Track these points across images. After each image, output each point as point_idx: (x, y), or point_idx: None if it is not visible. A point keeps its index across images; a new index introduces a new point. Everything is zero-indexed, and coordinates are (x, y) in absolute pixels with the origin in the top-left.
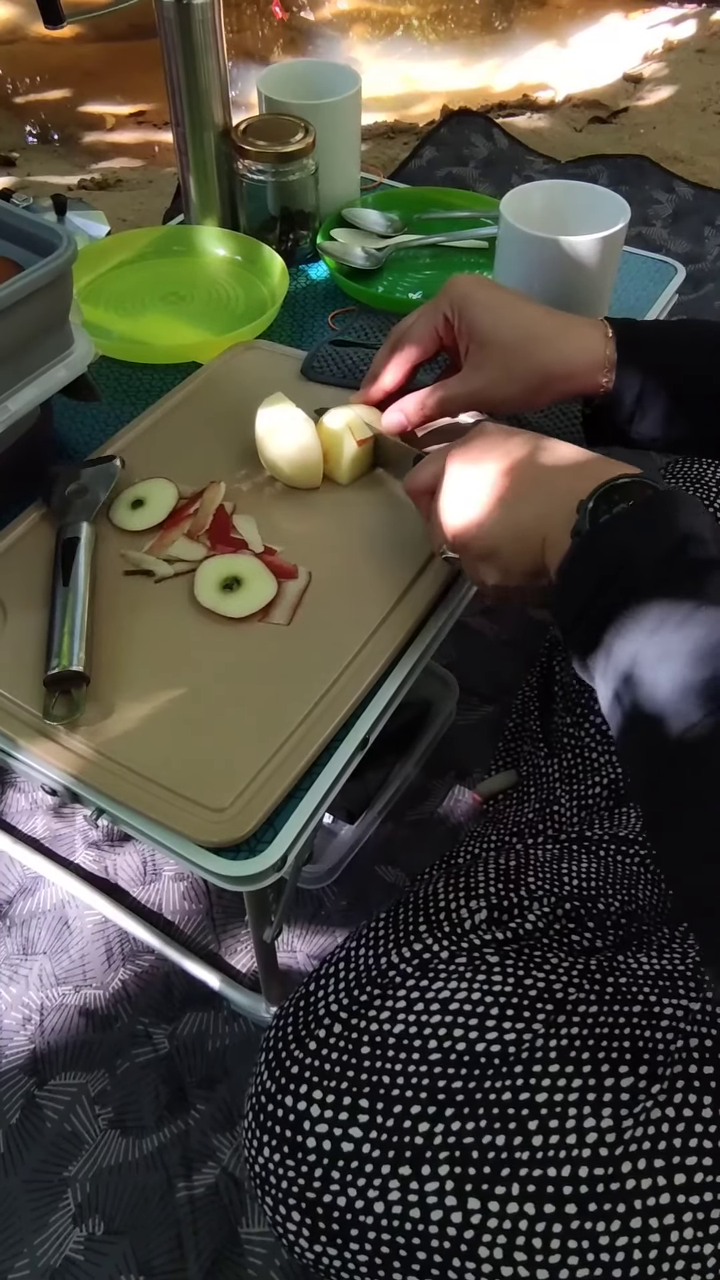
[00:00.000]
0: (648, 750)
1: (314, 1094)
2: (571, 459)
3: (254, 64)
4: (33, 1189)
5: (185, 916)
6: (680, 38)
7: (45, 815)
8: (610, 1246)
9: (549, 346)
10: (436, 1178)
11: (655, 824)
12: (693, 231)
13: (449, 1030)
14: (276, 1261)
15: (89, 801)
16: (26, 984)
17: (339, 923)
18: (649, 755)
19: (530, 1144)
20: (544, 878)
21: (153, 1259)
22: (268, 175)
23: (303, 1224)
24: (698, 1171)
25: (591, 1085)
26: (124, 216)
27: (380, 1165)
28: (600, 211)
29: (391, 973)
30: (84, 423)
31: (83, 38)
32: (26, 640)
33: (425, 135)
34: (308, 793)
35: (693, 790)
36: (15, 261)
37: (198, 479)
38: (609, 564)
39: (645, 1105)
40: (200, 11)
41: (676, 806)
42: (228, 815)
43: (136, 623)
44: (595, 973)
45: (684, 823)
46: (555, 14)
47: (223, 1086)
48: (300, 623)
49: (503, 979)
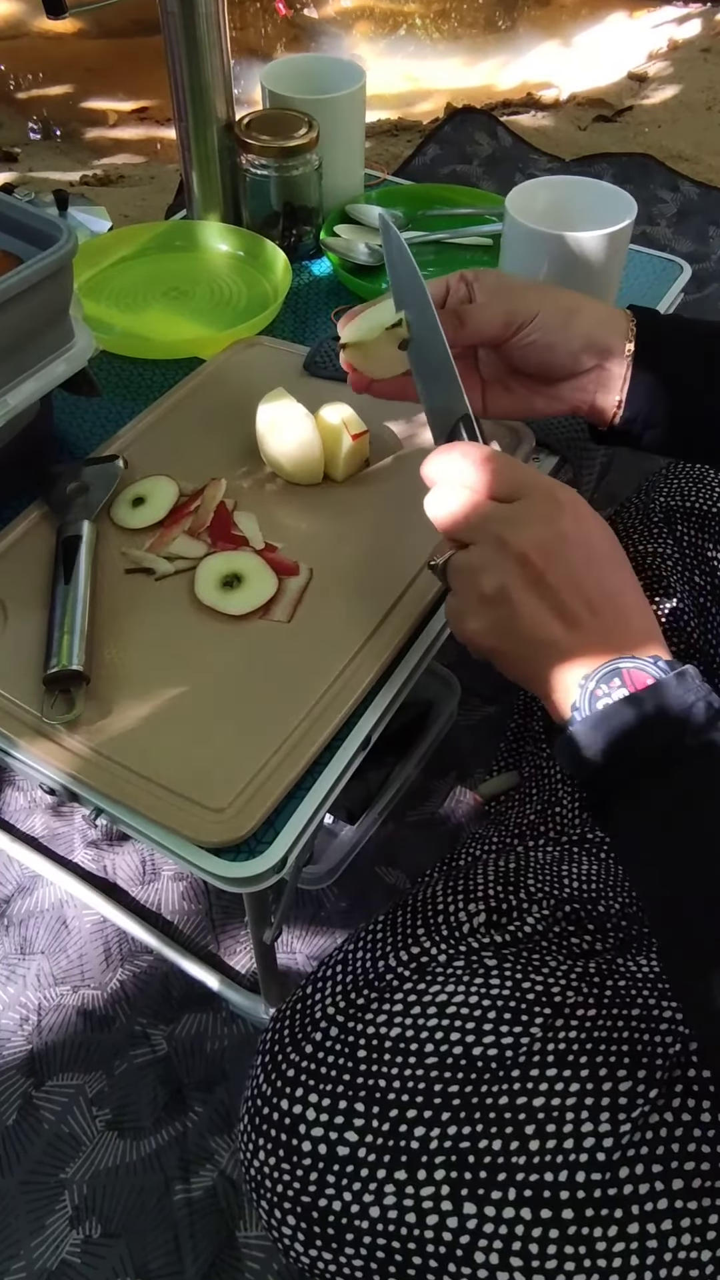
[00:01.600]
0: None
1: (310, 1097)
2: (627, 612)
3: (258, 61)
4: (29, 1190)
5: (184, 917)
6: (685, 37)
7: (44, 814)
8: (607, 1252)
9: (592, 319)
10: (432, 1182)
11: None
12: (697, 231)
13: (446, 1034)
14: (275, 1266)
15: (87, 801)
16: (24, 984)
17: (339, 924)
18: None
19: (527, 1148)
20: (544, 880)
21: (149, 1262)
22: (271, 170)
23: (298, 1228)
24: (696, 1177)
25: (589, 1089)
26: (126, 212)
27: (376, 1169)
28: (606, 208)
29: (389, 976)
30: (85, 419)
31: (85, 33)
32: (26, 639)
33: (429, 133)
34: (308, 793)
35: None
36: (15, 255)
37: (199, 476)
38: (605, 753)
39: (643, 1110)
40: (203, 6)
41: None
42: (227, 815)
43: (137, 621)
44: (594, 976)
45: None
46: (559, 12)
47: (221, 1088)
48: (301, 620)
49: (500, 982)
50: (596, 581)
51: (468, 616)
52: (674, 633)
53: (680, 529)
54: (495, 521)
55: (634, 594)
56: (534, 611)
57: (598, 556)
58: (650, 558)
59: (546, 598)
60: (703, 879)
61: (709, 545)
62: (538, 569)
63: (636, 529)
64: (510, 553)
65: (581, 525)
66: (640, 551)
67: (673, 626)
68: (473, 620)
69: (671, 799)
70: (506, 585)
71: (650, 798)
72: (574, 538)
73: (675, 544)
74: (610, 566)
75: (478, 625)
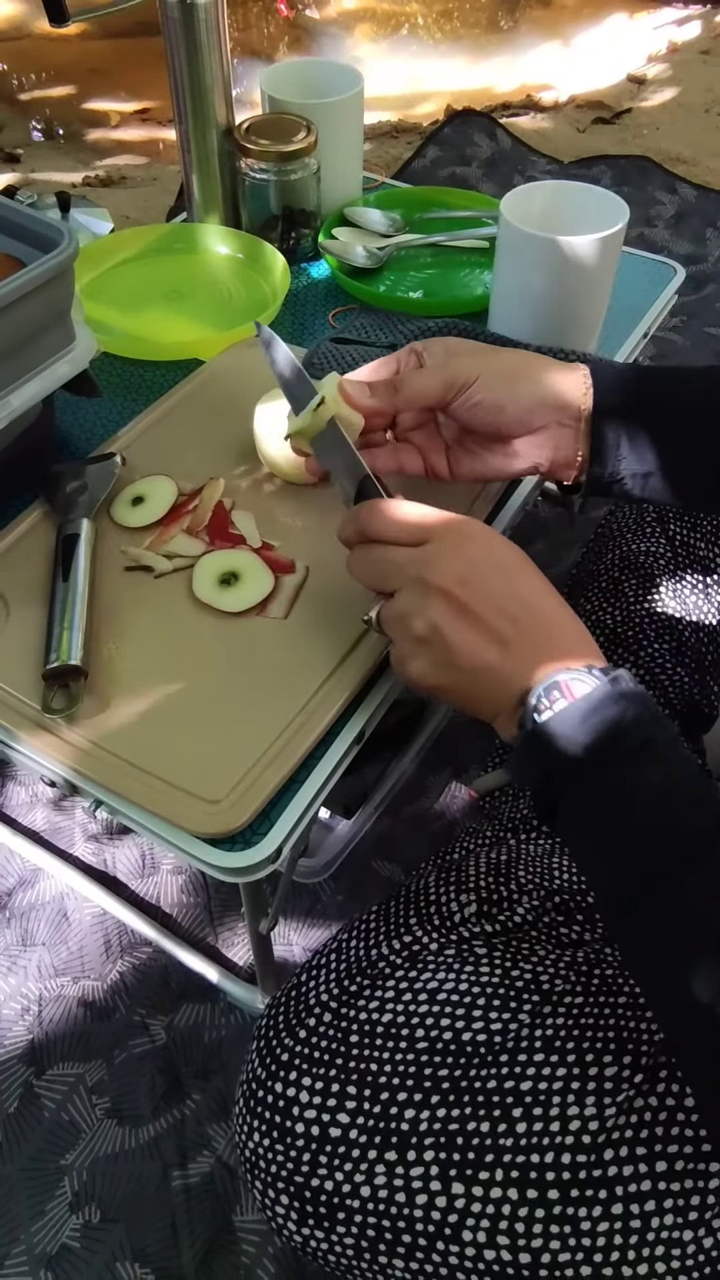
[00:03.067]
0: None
1: (303, 1081)
2: (552, 624)
3: (259, 62)
4: (30, 1177)
5: (183, 909)
6: (685, 39)
7: (45, 808)
8: (591, 1231)
9: (540, 378)
10: (422, 1163)
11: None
12: (695, 233)
13: (436, 1019)
14: (270, 1249)
15: (87, 793)
16: (25, 975)
17: (335, 916)
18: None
19: (514, 1131)
20: (534, 872)
21: (147, 1246)
22: (270, 174)
23: (291, 1207)
24: (678, 1159)
25: (576, 1074)
26: (128, 214)
27: (367, 1150)
28: (600, 212)
29: (381, 964)
30: (85, 419)
31: (88, 35)
32: (27, 635)
33: (429, 135)
34: (303, 786)
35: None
36: (17, 258)
37: (197, 475)
38: (549, 764)
39: (628, 1094)
40: (203, 10)
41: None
42: (223, 807)
43: (135, 617)
44: (582, 965)
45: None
46: (560, 14)
47: (218, 1077)
48: (297, 617)
49: (490, 970)
50: (514, 595)
51: (407, 660)
52: (666, 631)
53: (673, 529)
54: (412, 566)
55: (553, 600)
56: (466, 640)
57: (511, 574)
58: (643, 556)
59: (476, 625)
60: (639, 860)
61: (701, 544)
62: (460, 600)
63: (630, 528)
64: (432, 591)
65: (490, 550)
66: (633, 550)
67: (665, 625)
68: (412, 663)
69: (609, 796)
70: (436, 622)
71: (589, 796)
72: (486, 563)
73: (668, 543)
74: (522, 579)
75: (419, 666)
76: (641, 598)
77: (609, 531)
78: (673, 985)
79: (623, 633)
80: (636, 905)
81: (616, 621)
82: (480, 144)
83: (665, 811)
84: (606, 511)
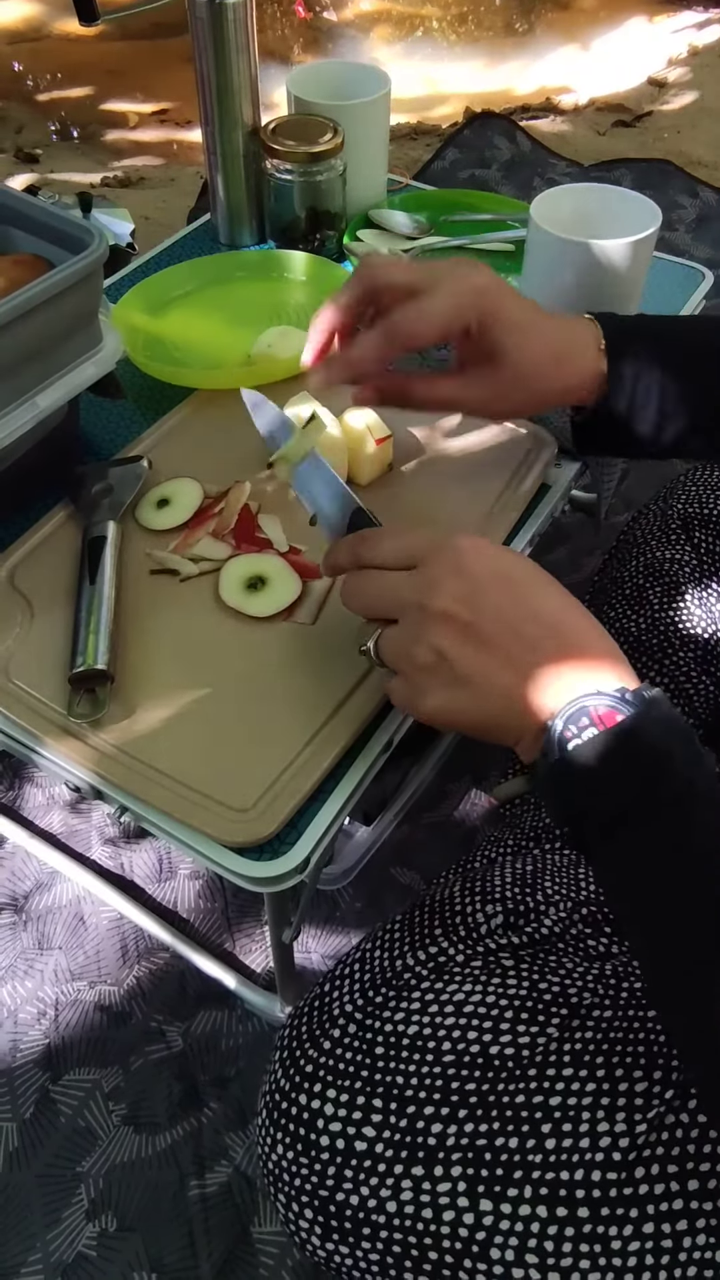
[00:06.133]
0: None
1: (328, 1093)
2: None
3: (274, 63)
4: (46, 1184)
5: (200, 914)
6: (705, 42)
7: (62, 811)
8: (622, 1251)
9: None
10: (449, 1178)
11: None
12: (716, 236)
13: (463, 1032)
14: (289, 1261)
15: (112, 799)
16: (42, 979)
17: (354, 923)
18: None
19: (543, 1147)
20: (560, 883)
21: (164, 1256)
22: (296, 175)
23: (315, 1222)
24: (711, 1178)
25: (605, 1090)
26: (146, 214)
27: (393, 1165)
28: (630, 216)
29: (406, 975)
30: (110, 421)
31: (106, 35)
32: (52, 638)
33: (448, 137)
34: (331, 795)
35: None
36: (46, 259)
37: (223, 478)
38: (582, 797)
39: (659, 1110)
40: (233, 11)
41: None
42: (251, 816)
43: (161, 622)
44: (610, 978)
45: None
46: (578, 16)
47: (235, 1085)
48: (325, 622)
49: (517, 983)
50: (530, 612)
51: (415, 695)
52: (690, 640)
53: (698, 535)
54: (408, 590)
55: (573, 611)
56: (476, 663)
57: (520, 588)
58: (668, 564)
59: (485, 647)
60: (682, 927)
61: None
62: (465, 620)
63: (654, 535)
64: (433, 614)
65: (492, 563)
66: (658, 558)
67: (688, 634)
68: (420, 697)
69: (650, 843)
70: (440, 647)
71: (622, 845)
72: (488, 577)
73: (693, 550)
74: (538, 592)
75: (429, 700)
76: (666, 605)
77: (632, 538)
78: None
79: (647, 641)
80: (682, 974)
81: (640, 629)
82: (500, 146)
83: (705, 881)
84: (630, 518)
